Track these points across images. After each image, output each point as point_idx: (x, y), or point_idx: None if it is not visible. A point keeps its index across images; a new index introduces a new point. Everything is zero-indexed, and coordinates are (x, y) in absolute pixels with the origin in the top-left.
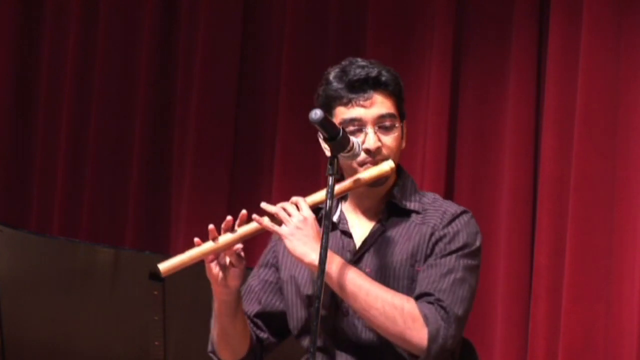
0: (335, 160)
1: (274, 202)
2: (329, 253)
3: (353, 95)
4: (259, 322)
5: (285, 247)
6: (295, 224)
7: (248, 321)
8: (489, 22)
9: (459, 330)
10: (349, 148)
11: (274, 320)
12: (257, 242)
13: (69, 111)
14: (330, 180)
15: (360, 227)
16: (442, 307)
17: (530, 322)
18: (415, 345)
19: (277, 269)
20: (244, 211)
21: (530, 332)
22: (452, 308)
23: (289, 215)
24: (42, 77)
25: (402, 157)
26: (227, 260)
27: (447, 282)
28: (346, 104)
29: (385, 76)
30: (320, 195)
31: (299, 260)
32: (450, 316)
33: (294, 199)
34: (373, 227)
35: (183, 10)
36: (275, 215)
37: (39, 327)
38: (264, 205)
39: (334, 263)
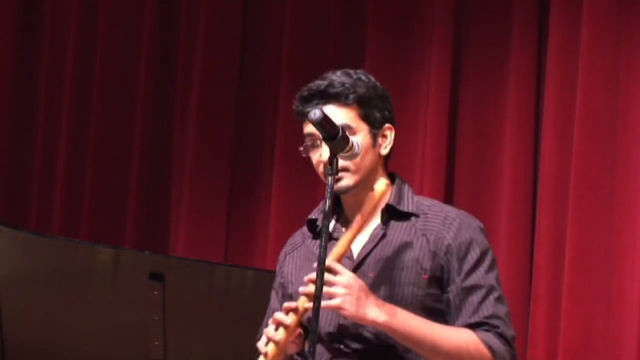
0: (335, 160)
1: (274, 201)
2: (388, 307)
3: (305, 110)
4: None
5: (290, 262)
6: (343, 292)
7: None
8: (489, 22)
9: (515, 346)
10: (348, 148)
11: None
12: (258, 243)
13: (68, 111)
14: (330, 180)
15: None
16: (499, 333)
17: (530, 322)
18: None
19: (285, 286)
20: (286, 304)
21: (530, 332)
22: (507, 331)
23: (331, 285)
24: (42, 77)
25: (396, 159)
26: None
27: (491, 305)
28: (302, 120)
29: (335, 87)
30: (341, 247)
31: (360, 322)
32: (508, 339)
33: (327, 264)
34: (373, 231)
35: (183, 10)
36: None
37: (39, 327)
38: (302, 289)
39: (395, 317)
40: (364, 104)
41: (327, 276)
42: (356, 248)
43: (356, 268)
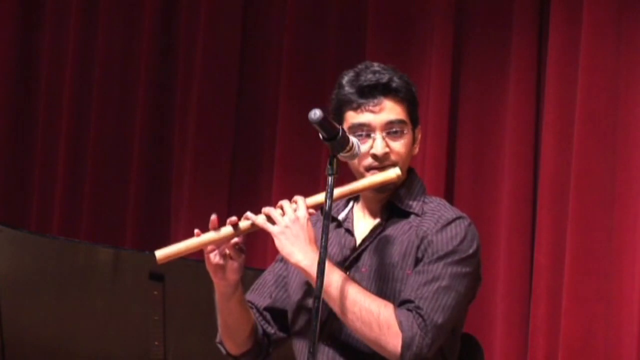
0: (335, 160)
1: (273, 203)
2: (315, 255)
3: (362, 101)
4: (268, 316)
5: None
6: (285, 223)
7: (257, 314)
8: (489, 21)
9: (437, 338)
10: (348, 148)
11: (283, 316)
12: (259, 243)
13: (69, 111)
14: (330, 180)
15: (362, 226)
16: (419, 314)
17: (530, 322)
18: (390, 352)
19: (287, 263)
20: (247, 213)
21: (530, 332)
22: (431, 316)
23: (284, 214)
24: (42, 77)
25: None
26: (227, 252)
27: (430, 290)
28: (356, 108)
29: (396, 82)
30: (323, 196)
31: (286, 260)
32: (427, 324)
33: (295, 198)
34: (373, 227)
35: (183, 10)
36: (268, 215)
37: (39, 327)
38: (264, 209)
39: (316, 265)
40: (411, 103)
41: (285, 205)
42: (357, 241)
43: (353, 262)
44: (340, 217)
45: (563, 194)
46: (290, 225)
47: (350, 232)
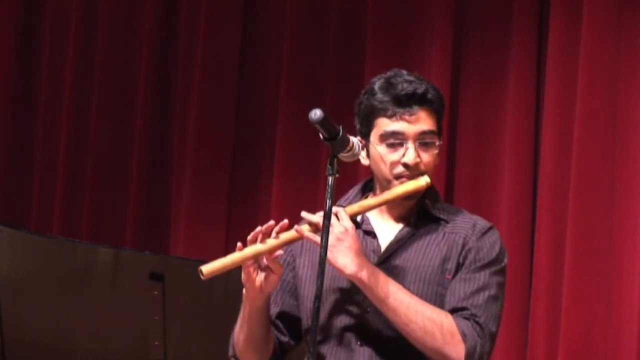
0: (335, 160)
1: (274, 203)
2: (370, 266)
3: (398, 109)
4: (280, 325)
5: (302, 246)
6: (336, 235)
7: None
8: (489, 21)
9: (492, 346)
10: (348, 148)
11: (293, 322)
12: None
13: (69, 112)
14: (330, 180)
15: (385, 229)
16: (477, 323)
17: (530, 321)
18: None
19: (294, 268)
20: (285, 220)
21: (530, 332)
22: (487, 324)
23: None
24: (42, 78)
25: None
26: (265, 265)
27: (482, 299)
28: (390, 116)
29: (431, 93)
30: (360, 206)
31: (339, 272)
32: (485, 333)
33: (335, 209)
34: (401, 230)
35: (183, 10)
36: (317, 225)
37: (39, 327)
38: (304, 214)
39: (374, 276)
40: (441, 114)
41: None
42: (382, 244)
43: (380, 264)
44: (358, 218)
45: (563, 194)
46: (341, 237)
47: (371, 234)
